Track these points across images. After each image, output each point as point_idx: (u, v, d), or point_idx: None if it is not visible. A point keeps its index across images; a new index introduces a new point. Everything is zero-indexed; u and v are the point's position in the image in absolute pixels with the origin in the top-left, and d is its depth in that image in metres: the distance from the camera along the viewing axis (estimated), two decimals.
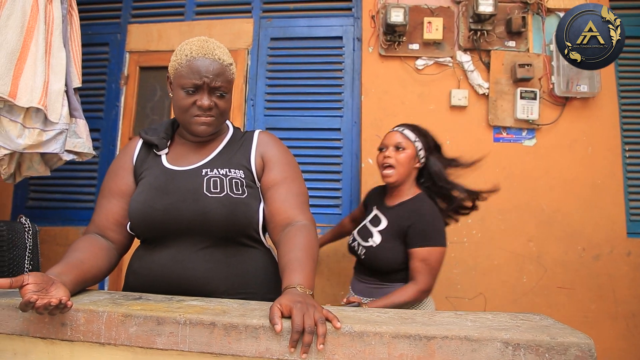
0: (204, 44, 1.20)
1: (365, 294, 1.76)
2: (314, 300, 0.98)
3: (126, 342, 0.97)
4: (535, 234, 2.53)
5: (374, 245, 1.73)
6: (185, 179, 1.22)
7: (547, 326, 0.96)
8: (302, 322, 0.89)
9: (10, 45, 1.39)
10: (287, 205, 1.22)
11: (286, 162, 1.29)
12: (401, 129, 1.84)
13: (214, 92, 1.20)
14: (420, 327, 0.91)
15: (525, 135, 2.59)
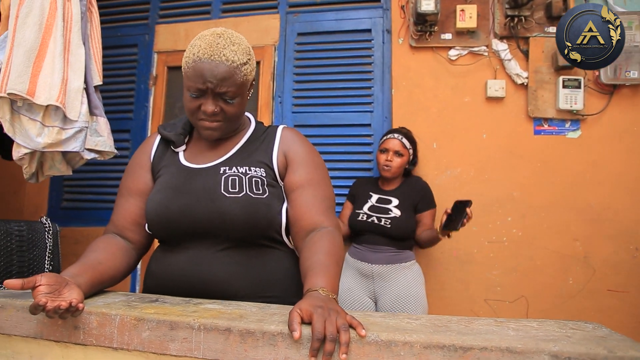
0: (215, 40, 1.08)
1: (383, 262, 2.20)
2: (337, 305, 0.91)
3: (139, 347, 0.92)
4: (581, 233, 2.36)
5: (397, 217, 2.22)
6: (202, 177, 1.16)
7: (604, 337, 0.84)
8: (323, 328, 0.81)
9: (29, 43, 1.38)
10: (313, 211, 1.15)
11: (312, 162, 1.21)
12: (400, 137, 2.33)
13: (220, 97, 1.11)
14: (455, 336, 0.81)
15: (569, 126, 2.42)
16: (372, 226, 2.24)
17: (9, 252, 1.19)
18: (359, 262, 2.24)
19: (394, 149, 2.29)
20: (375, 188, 2.38)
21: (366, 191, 2.38)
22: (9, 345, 1.03)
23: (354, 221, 2.29)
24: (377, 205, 2.29)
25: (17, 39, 1.39)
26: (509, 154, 2.46)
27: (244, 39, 1.14)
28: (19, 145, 1.45)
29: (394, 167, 2.28)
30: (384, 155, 2.31)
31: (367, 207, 2.29)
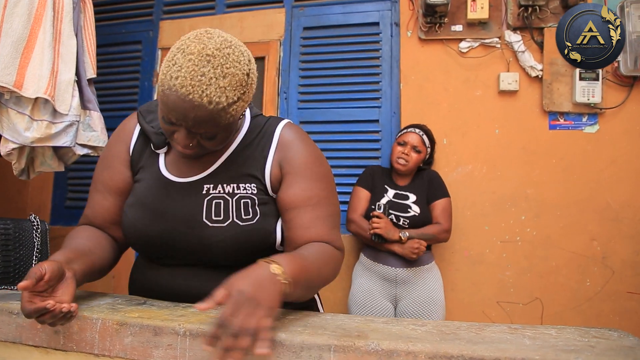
0: (200, 68, 0.82)
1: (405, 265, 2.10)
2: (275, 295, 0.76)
3: (121, 354, 0.86)
4: (599, 232, 2.25)
5: (417, 215, 2.13)
6: (183, 198, 0.99)
7: (631, 347, 0.76)
8: (230, 316, 0.70)
9: (17, 34, 1.32)
10: (312, 231, 0.99)
11: (311, 173, 1.02)
12: (421, 134, 2.24)
13: (197, 134, 0.91)
14: (465, 345, 0.73)
15: (586, 121, 2.31)
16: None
17: None
18: (380, 266, 2.13)
19: (412, 144, 2.20)
20: (390, 182, 2.27)
21: (381, 184, 2.25)
22: None
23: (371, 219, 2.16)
24: (395, 201, 2.18)
25: (4, 30, 1.33)
26: (522, 150, 2.36)
27: (243, 58, 0.88)
28: (7, 140, 1.40)
29: (411, 163, 2.19)
30: (401, 148, 2.20)
31: (384, 202, 2.17)
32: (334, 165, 2.59)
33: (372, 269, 2.15)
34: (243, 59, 0.87)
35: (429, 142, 2.25)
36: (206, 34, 0.86)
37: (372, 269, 2.15)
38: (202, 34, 0.86)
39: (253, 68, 0.91)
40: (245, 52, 0.89)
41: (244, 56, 0.88)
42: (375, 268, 2.14)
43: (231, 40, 0.88)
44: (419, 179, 2.25)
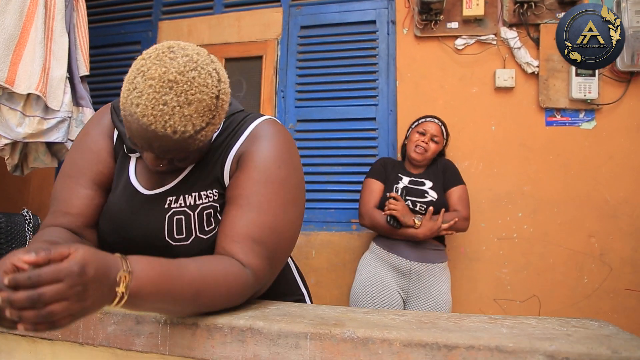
0: (161, 96, 0.73)
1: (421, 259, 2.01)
2: (101, 302, 0.62)
3: (104, 343, 0.87)
4: (597, 229, 2.24)
5: (435, 200, 2.05)
6: (146, 213, 0.91)
7: (609, 336, 0.76)
8: (47, 280, 0.56)
9: (9, 31, 1.35)
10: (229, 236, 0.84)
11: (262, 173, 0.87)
12: (440, 124, 2.19)
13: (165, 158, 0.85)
14: (440, 333, 0.74)
15: (583, 117, 2.30)
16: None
17: None
18: (394, 257, 2.02)
19: (432, 133, 2.13)
20: (404, 171, 2.19)
21: (395, 174, 2.16)
22: None
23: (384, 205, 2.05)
24: (411, 186, 2.09)
25: None
26: (519, 146, 2.35)
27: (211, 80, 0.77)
28: (0, 136, 1.42)
29: (429, 153, 2.11)
30: (420, 137, 2.13)
31: (402, 189, 2.06)
32: (331, 163, 2.61)
33: (384, 259, 2.06)
34: (211, 80, 0.77)
35: (446, 134, 2.20)
36: (169, 53, 0.75)
37: (385, 259, 2.06)
38: (164, 53, 0.75)
39: (224, 87, 0.81)
40: (214, 72, 0.79)
41: (212, 77, 0.78)
42: (388, 258, 2.05)
43: (197, 58, 0.77)
44: (433, 167, 2.19)
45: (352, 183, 2.55)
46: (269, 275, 0.88)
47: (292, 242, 0.91)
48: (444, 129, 2.18)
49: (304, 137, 2.67)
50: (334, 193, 2.58)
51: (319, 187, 2.60)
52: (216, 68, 0.80)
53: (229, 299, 0.81)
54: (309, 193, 2.61)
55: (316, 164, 2.63)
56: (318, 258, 2.50)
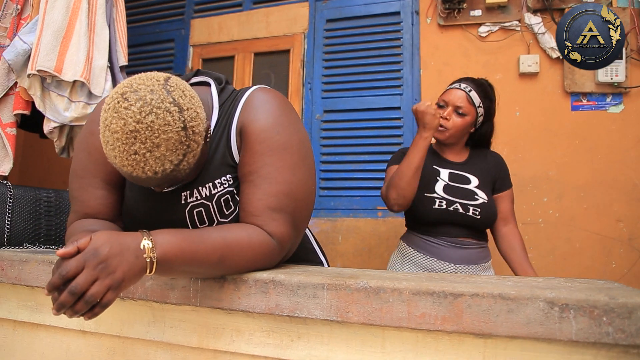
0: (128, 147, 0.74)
1: (466, 261, 1.64)
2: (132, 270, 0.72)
3: (143, 297, 0.96)
4: (625, 213, 2.21)
5: (486, 202, 1.66)
6: (165, 209, 0.95)
7: (610, 288, 0.80)
8: (74, 271, 0.68)
9: (57, 24, 1.49)
10: (245, 212, 0.90)
11: (263, 144, 0.89)
12: (468, 89, 1.68)
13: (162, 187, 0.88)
14: (447, 284, 0.79)
15: (610, 101, 2.27)
16: (456, 217, 1.62)
17: (38, 216, 1.28)
18: (436, 261, 1.63)
19: (454, 103, 1.66)
20: (439, 159, 1.75)
21: (429, 164, 1.71)
22: (33, 297, 1.11)
23: (427, 210, 1.64)
24: (454, 185, 1.67)
25: (46, 21, 1.51)
26: (544, 131, 2.34)
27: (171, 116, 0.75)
28: (49, 120, 1.57)
29: (452, 129, 1.65)
30: (440, 111, 1.68)
31: (441, 188, 1.66)
32: (357, 152, 2.67)
33: (416, 262, 1.65)
34: (171, 117, 0.75)
35: (481, 100, 1.68)
36: (123, 102, 0.74)
37: (417, 262, 1.65)
38: (119, 103, 0.75)
39: (188, 115, 0.78)
40: (172, 106, 0.76)
41: (170, 113, 0.75)
42: (428, 263, 1.63)
43: (151, 99, 0.75)
44: (478, 158, 1.76)
45: (378, 171, 2.60)
46: (295, 238, 0.93)
47: (309, 200, 0.94)
48: (473, 95, 1.67)
49: (330, 127, 2.74)
50: (360, 181, 2.64)
51: (345, 175, 2.67)
52: (174, 99, 0.77)
53: (256, 263, 0.87)
54: (336, 181, 2.68)
55: (342, 152, 2.70)
56: (344, 244, 2.56)
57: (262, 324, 0.89)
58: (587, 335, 0.70)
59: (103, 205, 0.97)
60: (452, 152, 1.75)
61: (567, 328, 0.71)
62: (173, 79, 0.81)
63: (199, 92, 0.95)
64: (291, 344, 0.87)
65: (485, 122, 1.75)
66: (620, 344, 0.69)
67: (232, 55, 3.00)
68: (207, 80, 1.01)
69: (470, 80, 1.73)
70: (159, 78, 0.79)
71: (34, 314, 1.11)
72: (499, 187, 1.74)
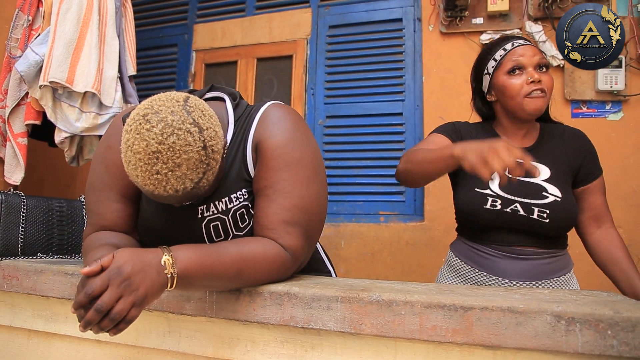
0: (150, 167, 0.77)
1: (530, 276, 1.27)
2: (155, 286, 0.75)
3: (159, 308, 0.99)
4: (625, 219, 2.24)
5: (559, 200, 1.25)
6: (182, 224, 0.98)
7: (614, 301, 0.83)
8: (99, 290, 0.71)
9: (68, 36, 1.52)
10: (260, 226, 0.92)
11: (283, 157, 0.92)
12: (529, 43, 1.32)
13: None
14: (457, 297, 0.82)
15: (610, 108, 2.31)
16: (514, 220, 1.26)
17: (50, 226, 1.31)
18: (486, 276, 1.29)
19: (535, 62, 1.28)
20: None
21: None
22: (48, 306, 1.13)
23: (477, 211, 1.28)
24: (520, 180, 1.27)
25: (58, 33, 1.54)
26: None
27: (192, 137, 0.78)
28: (60, 130, 1.60)
29: (548, 92, 1.28)
30: (519, 79, 1.27)
31: (497, 183, 1.29)
32: (359, 157, 2.69)
33: (465, 276, 1.34)
34: (192, 137, 0.78)
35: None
36: (145, 124, 0.77)
37: (467, 276, 1.34)
38: (141, 125, 0.77)
39: (208, 134, 0.81)
40: (192, 127, 0.78)
41: (191, 134, 0.78)
42: (471, 275, 1.33)
43: (172, 120, 0.77)
44: (552, 139, 1.36)
45: (380, 176, 2.63)
46: (307, 251, 0.96)
47: (322, 214, 0.98)
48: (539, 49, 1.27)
49: (333, 133, 2.77)
50: (363, 186, 2.67)
51: (348, 181, 2.70)
52: (194, 120, 0.79)
53: (271, 275, 0.90)
54: (339, 186, 2.71)
55: (345, 158, 2.72)
56: (347, 248, 2.59)
57: (276, 334, 0.91)
58: (592, 347, 0.72)
59: (120, 218, 0.99)
60: (522, 131, 1.34)
61: (573, 341, 0.73)
62: (192, 99, 0.83)
63: (215, 107, 0.98)
64: (305, 355, 0.90)
65: None
66: (625, 356, 0.71)
67: (235, 61, 3.02)
68: (221, 95, 1.04)
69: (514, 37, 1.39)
70: (178, 99, 0.81)
71: (49, 323, 1.13)
72: (584, 176, 1.33)
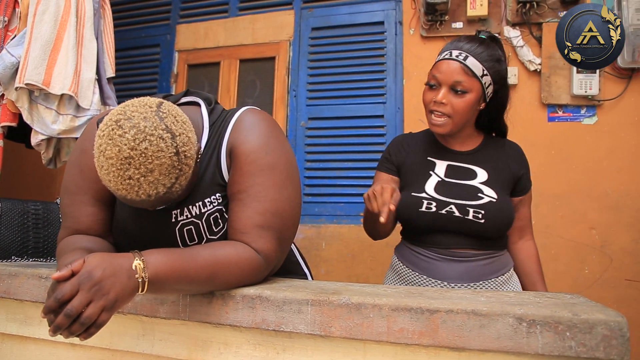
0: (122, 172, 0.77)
1: (468, 278, 1.27)
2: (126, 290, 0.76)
3: (133, 311, 0.99)
4: (598, 221, 2.30)
5: (494, 201, 1.27)
6: (155, 228, 0.98)
7: (574, 303, 0.86)
8: (69, 294, 0.71)
9: (45, 37, 1.51)
10: (238, 226, 0.92)
11: (257, 162, 0.93)
12: (462, 57, 1.24)
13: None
14: (424, 300, 0.84)
15: (585, 112, 2.36)
16: (450, 222, 1.27)
17: (26, 229, 1.30)
18: (426, 279, 1.29)
19: (448, 81, 1.25)
20: (438, 149, 1.38)
21: (422, 157, 1.37)
22: (22, 310, 1.13)
23: (413, 214, 1.30)
24: (451, 182, 1.31)
25: (34, 34, 1.53)
26: (522, 141, 2.35)
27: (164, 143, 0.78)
28: (37, 132, 1.59)
29: (454, 115, 1.26)
30: (431, 93, 1.29)
31: (432, 185, 1.31)
32: (341, 159, 2.72)
33: (408, 280, 1.34)
34: (164, 143, 0.78)
35: (485, 65, 1.26)
36: (117, 130, 0.77)
37: (409, 280, 1.33)
38: (113, 130, 0.77)
39: (180, 141, 0.80)
40: (165, 133, 0.78)
41: (163, 140, 0.78)
42: (413, 279, 1.32)
43: (145, 126, 0.77)
44: (493, 147, 1.39)
45: (361, 178, 2.66)
46: (280, 255, 0.97)
47: (295, 218, 0.99)
48: (473, 62, 1.25)
49: (315, 135, 2.79)
50: (344, 187, 2.69)
51: (329, 182, 2.72)
52: (167, 126, 0.79)
53: (244, 279, 0.91)
54: (320, 188, 2.73)
55: (326, 159, 2.74)
56: (328, 250, 2.61)
57: (248, 337, 0.93)
58: (552, 349, 0.75)
59: (94, 221, 0.99)
60: (459, 138, 1.36)
61: (534, 342, 0.76)
62: (165, 105, 0.83)
63: (189, 112, 0.98)
64: (277, 357, 0.91)
65: (498, 90, 1.33)
66: (582, 357, 0.74)
67: (218, 62, 3.02)
68: (196, 100, 1.04)
69: (465, 40, 1.29)
70: (151, 105, 0.81)
71: (23, 327, 1.13)
72: (522, 187, 1.39)
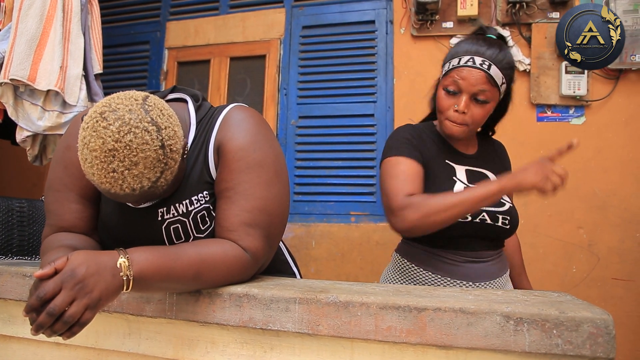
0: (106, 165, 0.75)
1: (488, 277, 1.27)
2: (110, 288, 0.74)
3: (119, 309, 0.98)
4: (586, 220, 2.33)
5: (512, 206, 1.29)
6: (141, 226, 0.96)
7: (562, 301, 0.86)
8: (51, 292, 0.69)
9: (30, 33, 1.49)
10: (221, 227, 0.92)
11: (239, 162, 0.92)
12: (486, 66, 1.18)
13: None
14: (412, 298, 0.84)
15: (573, 113, 2.38)
16: (482, 229, 1.23)
17: (10, 226, 1.27)
18: (449, 280, 1.25)
19: (471, 90, 1.19)
20: (450, 151, 1.32)
21: (439, 158, 1.29)
22: (5, 309, 1.11)
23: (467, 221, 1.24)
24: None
25: (20, 29, 1.50)
26: (511, 141, 2.40)
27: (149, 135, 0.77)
28: (22, 129, 1.56)
29: (472, 124, 1.23)
30: (451, 99, 1.22)
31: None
32: (331, 157, 2.71)
33: (420, 280, 1.29)
34: (149, 136, 0.77)
35: (505, 73, 1.22)
36: (102, 122, 0.75)
37: (421, 280, 1.29)
38: (97, 122, 0.76)
39: (166, 133, 0.80)
40: (150, 126, 0.77)
41: (148, 132, 0.77)
42: (428, 279, 1.27)
43: (130, 118, 0.76)
44: (488, 148, 1.41)
45: (351, 177, 2.66)
46: (268, 253, 0.96)
47: (283, 216, 0.97)
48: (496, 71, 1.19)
49: (305, 133, 2.78)
50: (334, 186, 2.69)
51: (319, 181, 2.71)
52: (152, 118, 0.78)
53: (231, 277, 0.90)
54: (310, 187, 2.72)
55: (317, 158, 2.74)
56: (318, 248, 2.60)
57: (236, 336, 0.92)
58: (539, 346, 0.75)
59: (79, 219, 0.98)
60: (465, 139, 1.33)
61: (521, 340, 0.76)
62: (151, 98, 0.82)
63: (176, 108, 0.97)
64: (264, 356, 0.90)
65: (505, 97, 1.31)
66: (568, 354, 0.75)
67: (208, 59, 3.00)
68: (183, 97, 1.03)
69: (485, 45, 1.23)
70: (137, 97, 0.80)
71: (7, 326, 1.11)
72: None
